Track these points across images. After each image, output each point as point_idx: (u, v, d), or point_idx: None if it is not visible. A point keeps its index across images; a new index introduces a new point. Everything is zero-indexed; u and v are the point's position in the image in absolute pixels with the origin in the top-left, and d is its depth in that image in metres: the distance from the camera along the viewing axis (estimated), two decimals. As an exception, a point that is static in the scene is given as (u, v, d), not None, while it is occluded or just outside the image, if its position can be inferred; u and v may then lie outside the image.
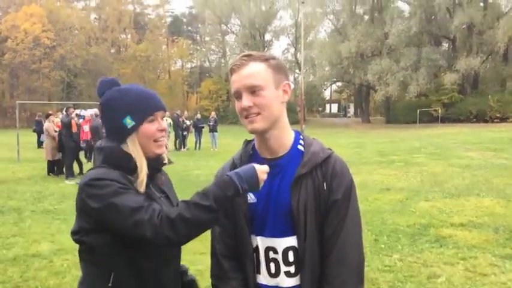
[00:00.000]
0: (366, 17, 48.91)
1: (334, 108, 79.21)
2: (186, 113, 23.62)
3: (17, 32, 50.65)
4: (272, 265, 1.57)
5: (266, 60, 1.54)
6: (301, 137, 1.65)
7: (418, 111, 38.90)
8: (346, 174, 1.57)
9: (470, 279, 4.61)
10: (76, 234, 1.58)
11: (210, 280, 1.70)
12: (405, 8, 46.80)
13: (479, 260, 5.14)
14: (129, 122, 1.59)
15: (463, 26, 41.28)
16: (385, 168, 13.14)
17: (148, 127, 1.61)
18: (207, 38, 65.11)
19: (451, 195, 8.81)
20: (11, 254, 5.65)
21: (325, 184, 1.53)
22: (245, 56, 1.54)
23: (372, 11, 47.48)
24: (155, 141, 1.64)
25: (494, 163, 13.59)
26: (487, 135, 24.91)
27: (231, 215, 1.59)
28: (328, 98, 78.46)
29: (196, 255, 5.24)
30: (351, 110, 71.68)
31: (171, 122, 19.97)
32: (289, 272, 1.56)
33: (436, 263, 5.12)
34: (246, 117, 1.52)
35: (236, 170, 1.47)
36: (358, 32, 44.28)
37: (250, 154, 1.65)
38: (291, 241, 1.54)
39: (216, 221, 1.46)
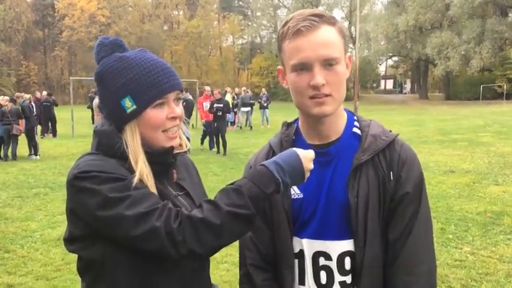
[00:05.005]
0: (426, -12, 46.40)
1: (389, 84, 76.32)
2: (236, 89, 23.27)
3: (73, 9, 52.10)
4: (323, 274, 1.30)
5: (335, 23, 1.24)
6: (355, 117, 1.39)
7: (481, 87, 36.87)
8: (416, 161, 1.31)
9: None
10: (70, 243, 1.20)
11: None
12: (469, -24, 43.87)
13: None
14: (128, 104, 1.18)
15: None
16: (447, 147, 12.24)
17: (155, 113, 1.19)
18: (258, 13, 64.25)
19: (525, 179, 7.97)
20: (55, 234, 5.55)
21: (391, 174, 1.26)
22: (315, 15, 1.19)
23: (432, -19, 44.95)
24: (164, 131, 1.21)
25: None
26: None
27: (268, 213, 1.33)
28: (383, 73, 75.86)
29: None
30: (407, 86, 68.91)
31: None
32: (344, 282, 1.29)
33: (514, 259, 4.52)
34: (313, 97, 1.19)
35: (274, 159, 1.16)
36: (416, 3, 42.03)
37: (292, 139, 1.37)
38: (347, 245, 1.28)
39: (251, 226, 1.14)
